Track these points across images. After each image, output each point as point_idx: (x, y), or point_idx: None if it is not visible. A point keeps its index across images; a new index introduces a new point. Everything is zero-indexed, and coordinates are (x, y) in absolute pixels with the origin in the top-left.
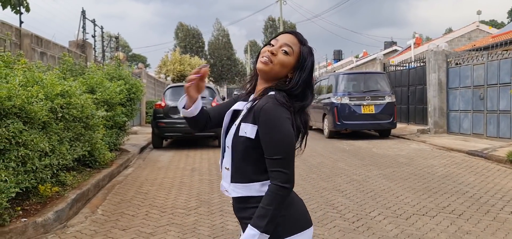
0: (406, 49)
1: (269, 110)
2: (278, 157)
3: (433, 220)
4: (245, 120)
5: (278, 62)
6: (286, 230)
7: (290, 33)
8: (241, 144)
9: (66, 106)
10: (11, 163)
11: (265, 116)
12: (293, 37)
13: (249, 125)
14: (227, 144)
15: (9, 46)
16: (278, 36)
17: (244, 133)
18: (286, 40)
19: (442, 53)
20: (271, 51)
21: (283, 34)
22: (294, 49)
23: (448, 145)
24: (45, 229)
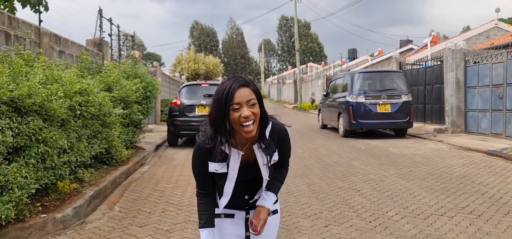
0: (422, 48)
1: (285, 133)
2: (290, 155)
3: (452, 221)
4: (270, 153)
5: (256, 117)
6: None
7: (242, 87)
8: (271, 169)
9: (84, 104)
10: (31, 159)
11: (284, 138)
12: (246, 88)
13: (275, 155)
14: (265, 178)
15: (29, 45)
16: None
17: (273, 161)
18: (248, 97)
19: (460, 51)
20: (246, 117)
21: (238, 92)
22: (253, 96)
23: (466, 145)
24: (64, 225)
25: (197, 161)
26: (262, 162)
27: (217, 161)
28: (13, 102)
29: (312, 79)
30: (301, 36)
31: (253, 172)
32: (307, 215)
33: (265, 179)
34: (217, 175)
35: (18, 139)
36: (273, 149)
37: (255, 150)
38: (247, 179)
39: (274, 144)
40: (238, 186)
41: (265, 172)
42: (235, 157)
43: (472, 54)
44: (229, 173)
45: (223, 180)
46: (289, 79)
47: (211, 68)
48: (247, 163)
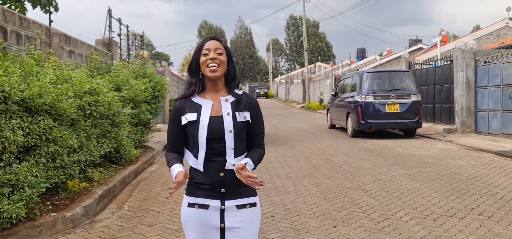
0: (431, 47)
1: (256, 101)
2: (264, 134)
3: (462, 222)
4: (239, 109)
5: (220, 62)
6: None
7: (214, 39)
8: (240, 127)
9: (94, 103)
10: (42, 159)
11: (256, 105)
12: (216, 41)
13: (245, 112)
14: (228, 128)
15: (39, 45)
16: (203, 45)
17: (243, 118)
18: (216, 46)
19: (470, 51)
20: (213, 57)
21: (209, 42)
22: (222, 48)
23: (476, 145)
24: (74, 224)
25: (172, 116)
26: (225, 111)
27: (189, 111)
28: (24, 102)
29: (320, 79)
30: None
31: (221, 123)
32: (315, 215)
33: (228, 129)
34: (190, 126)
35: (29, 138)
36: (241, 107)
37: (221, 100)
38: (218, 137)
39: (244, 104)
40: (209, 149)
41: (228, 122)
42: (206, 106)
43: (483, 53)
44: (201, 120)
45: (196, 130)
46: (297, 78)
47: None
48: (218, 114)
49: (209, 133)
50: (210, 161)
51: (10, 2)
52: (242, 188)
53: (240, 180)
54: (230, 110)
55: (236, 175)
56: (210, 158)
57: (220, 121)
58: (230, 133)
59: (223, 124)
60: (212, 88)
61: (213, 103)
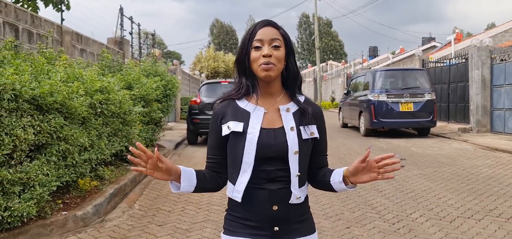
0: (445, 45)
1: (321, 110)
2: (327, 154)
3: (479, 224)
4: (305, 122)
5: (276, 60)
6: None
7: (267, 25)
8: (307, 146)
9: (105, 102)
10: (53, 157)
11: (322, 115)
12: (272, 28)
13: (312, 127)
14: (293, 148)
15: (51, 43)
16: (254, 34)
17: (308, 135)
18: (271, 35)
19: (486, 48)
20: (267, 54)
21: (262, 30)
22: (280, 38)
23: (493, 144)
24: (85, 223)
25: (210, 127)
26: (287, 124)
27: (233, 118)
28: (35, 100)
29: (332, 77)
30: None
31: (279, 139)
32: (328, 215)
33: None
34: (233, 139)
35: (40, 137)
36: (308, 119)
37: (281, 110)
38: (272, 158)
39: (310, 115)
40: (258, 173)
41: (293, 142)
42: (257, 115)
43: (499, 51)
44: (249, 132)
45: (240, 145)
46: (309, 77)
47: (230, 66)
48: (271, 127)
49: (259, 151)
50: (257, 189)
51: (22, 1)
52: (301, 223)
53: (298, 213)
54: (293, 124)
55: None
56: (258, 185)
57: (277, 137)
58: (295, 155)
59: (284, 141)
60: (264, 90)
61: (265, 111)
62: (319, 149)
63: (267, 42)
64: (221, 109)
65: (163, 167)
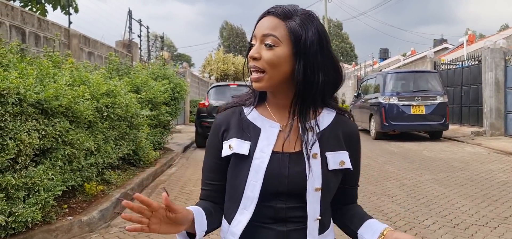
0: (457, 47)
1: (357, 130)
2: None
3: (494, 232)
4: (333, 147)
5: (267, 65)
6: None
7: (266, 15)
8: (335, 180)
9: (111, 105)
10: (58, 161)
11: (357, 137)
12: (270, 18)
13: (342, 154)
14: (314, 184)
15: (58, 46)
16: (255, 27)
17: (338, 164)
18: (264, 30)
19: (500, 50)
20: (252, 56)
21: (260, 21)
22: (279, 33)
23: (507, 148)
24: (90, 228)
25: (208, 140)
26: (309, 149)
27: (238, 135)
28: (40, 104)
29: None
30: (332, 36)
31: (295, 167)
32: None
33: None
34: (234, 162)
35: (45, 141)
36: (338, 143)
37: (301, 130)
38: (284, 192)
39: (340, 140)
40: (263, 210)
41: (315, 175)
42: (269, 132)
43: None
44: (256, 157)
45: (243, 173)
46: None
47: (240, 69)
48: (286, 150)
49: (266, 183)
50: (261, 228)
51: (31, 4)
52: None
53: None
54: (318, 148)
55: None
56: (262, 224)
57: (292, 165)
58: (316, 193)
59: (301, 171)
60: (273, 101)
61: (281, 129)
62: (349, 181)
63: (259, 39)
64: (224, 119)
65: (173, 218)
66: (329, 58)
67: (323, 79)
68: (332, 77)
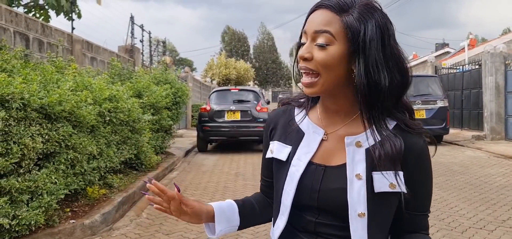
0: (459, 51)
1: (427, 151)
2: (428, 212)
3: (492, 235)
4: (383, 165)
5: (320, 67)
6: None
7: (318, 8)
8: (387, 205)
9: (114, 110)
10: (61, 165)
11: (422, 157)
12: (323, 12)
13: (396, 174)
14: (356, 208)
15: (61, 52)
16: (305, 22)
17: (389, 187)
18: (316, 26)
19: (500, 55)
20: (303, 56)
21: (312, 15)
22: (334, 29)
23: (507, 152)
24: (92, 231)
25: (263, 141)
26: (352, 168)
27: (281, 138)
28: (44, 109)
29: None
30: None
31: (330, 184)
32: None
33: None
34: (275, 166)
35: (48, 145)
36: (390, 160)
37: (347, 145)
38: (314, 207)
39: (399, 157)
40: (298, 220)
41: (358, 198)
42: (311, 139)
43: None
44: (293, 164)
45: (282, 179)
46: None
47: (242, 73)
48: (325, 162)
49: (298, 194)
50: (295, 235)
51: (35, 10)
52: None
53: None
54: (363, 169)
55: None
56: (295, 231)
57: (326, 180)
58: (360, 219)
59: (338, 188)
60: (326, 105)
61: (324, 137)
62: (409, 205)
63: (310, 37)
64: (274, 117)
65: (189, 211)
66: (393, 56)
67: (390, 79)
68: (396, 80)
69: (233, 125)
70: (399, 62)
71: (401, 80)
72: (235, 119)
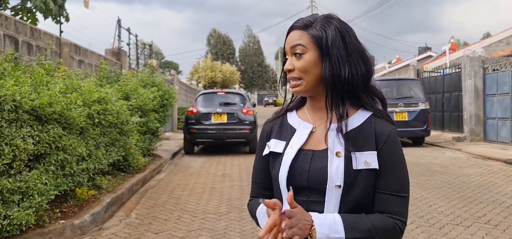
0: (441, 55)
1: (396, 136)
2: (405, 195)
3: (468, 231)
4: (359, 146)
5: (300, 72)
6: None
7: (291, 31)
8: (361, 181)
9: (103, 112)
10: (51, 166)
11: (391, 141)
12: (295, 32)
13: (369, 154)
14: (334, 180)
15: (50, 55)
16: (285, 43)
17: (363, 164)
18: (291, 43)
19: (479, 59)
20: (287, 69)
21: (288, 38)
22: (304, 41)
23: (485, 153)
24: (82, 231)
25: (257, 145)
26: (333, 149)
27: (277, 136)
28: (34, 110)
29: None
30: None
31: (316, 164)
32: None
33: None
34: (272, 160)
35: (39, 146)
36: (365, 142)
37: (330, 131)
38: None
39: (370, 140)
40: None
41: (336, 172)
42: (302, 133)
43: (491, 61)
44: (286, 153)
45: (276, 169)
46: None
47: (227, 76)
48: (313, 148)
49: (290, 177)
50: None
51: (22, 13)
52: None
53: None
54: (341, 148)
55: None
56: None
57: (314, 161)
58: (336, 190)
59: (322, 167)
60: (311, 104)
61: (313, 129)
62: (380, 184)
63: (289, 53)
64: (270, 124)
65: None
66: (355, 50)
67: (350, 71)
68: (360, 69)
69: (220, 128)
70: (362, 55)
71: (365, 68)
72: (222, 121)
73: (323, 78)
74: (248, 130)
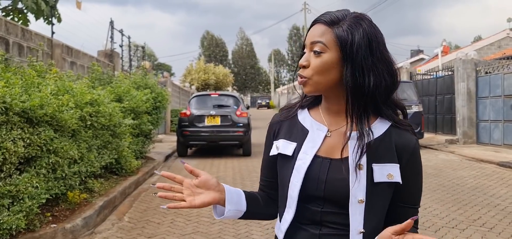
0: (433, 58)
1: (418, 148)
2: (419, 206)
3: (463, 234)
4: (380, 158)
5: (314, 72)
6: None
7: (315, 23)
8: (383, 194)
9: (95, 114)
10: (42, 170)
11: (414, 154)
12: (318, 26)
13: (391, 166)
14: (357, 195)
15: (41, 56)
16: (306, 36)
17: (386, 177)
18: (312, 37)
19: (471, 61)
20: (301, 64)
21: (309, 30)
22: (326, 39)
23: (478, 156)
24: (74, 236)
25: (265, 139)
26: (353, 158)
27: (286, 136)
28: (25, 113)
29: None
30: None
31: (335, 174)
32: None
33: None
34: (280, 162)
35: (30, 149)
36: (386, 154)
37: (349, 142)
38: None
39: (392, 152)
40: (304, 212)
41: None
42: (315, 135)
43: (483, 64)
44: (299, 158)
45: (287, 173)
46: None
47: (221, 78)
48: (330, 156)
49: (305, 186)
50: (300, 228)
51: (13, 14)
52: None
53: None
54: (364, 160)
55: None
56: (301, 224)
57: (332, 171)
58: (359, 205)
59: (341, 178)
60: (327, 106)
61: (328, 134)
62: (401, 197)
63: (308, 47)
64: (278, 119)
65: (202, 178)
66: (382, 60)
67: (375, 82)
68: (385, 81)
69: (213, 130)
70: (388, 66)
71: (391, 81)
72: (215, 123)
73: (343, 83)
74: (242, 133)
